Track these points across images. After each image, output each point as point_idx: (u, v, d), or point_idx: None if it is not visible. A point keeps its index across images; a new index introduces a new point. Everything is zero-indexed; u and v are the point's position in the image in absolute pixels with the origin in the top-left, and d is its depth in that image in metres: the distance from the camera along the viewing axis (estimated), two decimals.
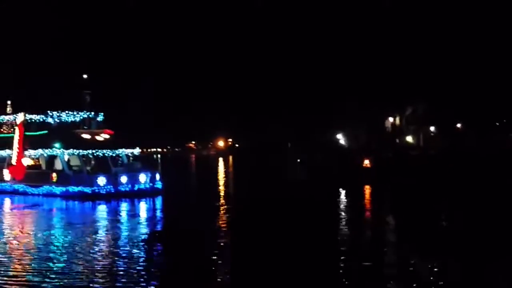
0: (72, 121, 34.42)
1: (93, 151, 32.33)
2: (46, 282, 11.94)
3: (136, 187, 31.39)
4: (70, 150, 32.39)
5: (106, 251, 15.39)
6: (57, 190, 31.62)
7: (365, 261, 13.85)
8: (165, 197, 30.44)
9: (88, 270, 12.94)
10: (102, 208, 26.68)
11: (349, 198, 29.13)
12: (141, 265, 13.46)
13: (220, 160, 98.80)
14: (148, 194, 30.94)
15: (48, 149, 33.16)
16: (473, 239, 16.40)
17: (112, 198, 29.45)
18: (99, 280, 12.05)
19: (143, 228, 19.97)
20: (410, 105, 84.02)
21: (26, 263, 13.91)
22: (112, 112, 39.27)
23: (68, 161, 33.20)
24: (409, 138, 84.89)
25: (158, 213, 25.70)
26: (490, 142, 67.85)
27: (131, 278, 12.20)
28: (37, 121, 34.78)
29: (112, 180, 30.87)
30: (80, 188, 30.47)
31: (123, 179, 31.10)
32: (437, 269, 12.57)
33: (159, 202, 29.04)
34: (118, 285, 11.74)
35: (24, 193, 33.30)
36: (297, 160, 69.80)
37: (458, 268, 12.92)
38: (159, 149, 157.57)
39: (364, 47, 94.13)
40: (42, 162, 35.09)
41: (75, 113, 34.45)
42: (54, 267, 13.28)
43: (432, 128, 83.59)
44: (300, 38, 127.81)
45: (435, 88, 78.52)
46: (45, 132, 34.19)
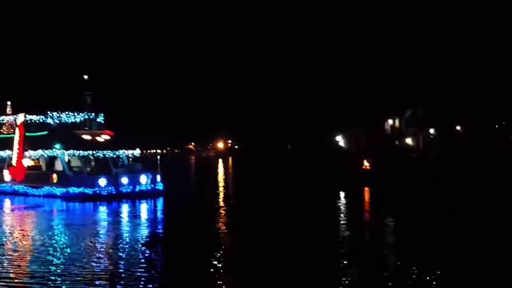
0: (73, 122, 34.41)
1: (93, 152, 32.34)
2: (45, 285, 11.86)
3: (137, 188, 31.39)
4: (70, 151, 32.38)
5: (107, 253, 15.37)
6: (58, 191, 31.59)
7: (365, 262, 13.91)
8: (166, 199, 30.47)
9: (88, 273, 12.87)
10: (103, 209, 26.70)
11: (348, 200, 29.14)
12: (142, 268, 13.45)
13: (220, 161, 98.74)
14: (149, 195, 30.91)
15: (48, 150, 33.17)
16: (473, 241, 16.43)
17: (113, 199, 29.46)
18: (101, 283, 12.01)
19: (145, 230, 20.00)
20: (409, 107, 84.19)
21: (25, 265, 13.86)
22: (112, 112, 39.19)
23: (69, 162, 33.20)
24: (409, 140, 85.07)
25: (160, 214, 25.74)
26: (490, 144, 67.98)
27: (131, 281, 12.17)
28: (37, 121, 34.81)
29: (113, 181, 30.88)
30: (81, 189, 30.43)
31: (124, 180, 31.12)
32: (437, 271, 12.59)
33: (160, 204, 29.08)
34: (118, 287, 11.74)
35: (24, 194, 33.27)
36: (297, 161, 69.94)
37: (458, 271, 12.94)
38: (159, 150, 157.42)
39: (364, 48, 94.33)
40: (42, 163, 35.06)
41: (75, 114, 34.46)
42: (53, 270, 13.19)
43: (432, 130, 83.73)
44: (300, 38, 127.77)
45: (434, 90, 78.68)
46: (45, 132, 34.20)
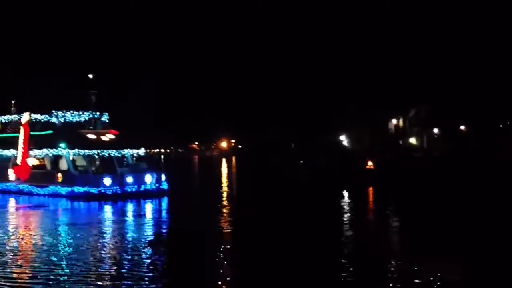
0: (77, 121, 34.43)
1: (98, 151, 32.42)
2: (49, 285, 11.81)
3: (142, 187, 31.45)
4: (75, 150, 32.43)
5: (111, 253, 15.34)
6: (63, 190, 31.66)
7: (368, 262, 13.95)
8: (171, 198, 30.52)
9: (92, 273, 12.82)
10: (108, 209, 26.76)
11: (352, 200, 29.15)
12: (146, 268, 13.39)
13: (223, 161, 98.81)
14: (154, 195, 30.95)
15: (53, 149, 33.25)
16: (477, 241, 16.43)
17: (118, 198, 29.53)
18: (105, 283, 11.99)
19: (150, 230, 20.04)
20: (413, 107, 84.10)
21: (28, 265, 13.79)
22: (116, 112, 39.23)
23: (74, 161, 33.27)
24: (413, 140, 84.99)
25: (165, 214, 25.81)
26: (494, 144, 67.88)
27: (134, 280, 12.13)
28: (42, 121, 34.86)
29: (118, 180, 30.94)
30: (86, 189, 30.48)
31: (129, 179, 31.18)
32: (440, 272, 12.58)
33: (165, 203, 29.16)
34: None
35: (29, 193, 33.34)
36: (300, 161, 69.88)
37: (463, 271, 12.96)
38: (162, 150, 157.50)
39: (368, 48, 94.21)
40: (47, 162, 35.04)
41: (80, 113, 34.51)
42: (57, 270, 13.13)
43: (436, 130, 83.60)
44: (302, 38, 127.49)
45: (438, 90, 78.59)
46: (50, 132, 34.25)
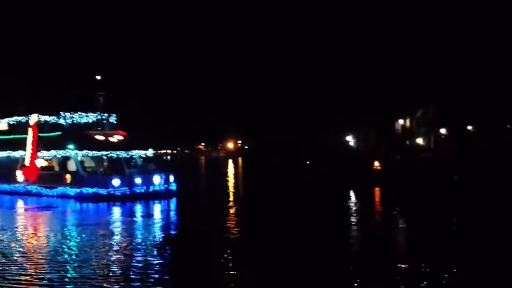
0: (85, 122, 34.53)
1: (107, 152, 32.54)
2: (56, 287, 11.82)
3: (151, 188, 31.52)
4: (84, 151, 32.57)
5: (120, 254, 15.31)
6: (71, 191, 31.77)
7: (374, 263, 13.95)
8: (180, 199, 30.58)
9: (100, 275, 12.80)
10: (117, 210, 26.81)
11: (358, 200, 29.15)
12: (154, 269, 13.38)
13: (230, 161, 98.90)
14: (163, 196, 31.04)
15: (61, 150, 33.39)
16: (483, 242, 16.40)
17: (127, 199, 29.62)
18: (113, 285, 11.96)
19: (159, 231, 20.08)
20: (420, 107, 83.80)
21: (36, 267, 13.75)
22: (124, 113, 39.30)
23: (82, 162, 33.39)
24: (420, 140, 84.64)
25: (173, 215, 25.85)
26: (502, 145, 67.54)
27: (143, 282, 12.13)
28: (50, 122, 35.04)
29: (127, 181, 31.05)
30: (95, 190, 30.57)
31: (138, 180, 31.27)
32: (447, 272, 12.57)
33: (173, 204, 29.22)
34: None
35: (38, 195, 33.46)
36: (306, 162, 69.90)
37: (469, 271, 12.96)
38: (169, 151, 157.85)
39: (375, 48, 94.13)
40: (55, 164, 35.19)
41: (88, 114, 34.63)
42: (65, 271, 13.13)
43: (443, 130, 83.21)
44: (305, 38, 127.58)
45: (445, 90, 78.31)
46: (58, 133, 34.40)
